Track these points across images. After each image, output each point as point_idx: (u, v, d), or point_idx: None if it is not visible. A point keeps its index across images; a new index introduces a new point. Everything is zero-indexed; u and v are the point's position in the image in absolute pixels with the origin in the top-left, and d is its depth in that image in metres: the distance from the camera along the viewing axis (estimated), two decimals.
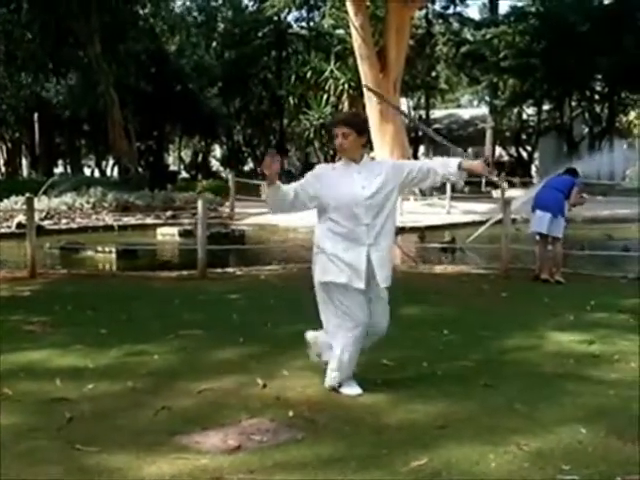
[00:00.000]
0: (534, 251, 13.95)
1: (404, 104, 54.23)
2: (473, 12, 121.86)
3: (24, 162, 60.08)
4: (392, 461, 4.99)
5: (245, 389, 6.57)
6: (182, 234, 21.51)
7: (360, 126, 6.44)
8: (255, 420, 5.77)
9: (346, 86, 43.43)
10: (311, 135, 47.11)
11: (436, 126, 57.59)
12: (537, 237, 13.48)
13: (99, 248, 17.96)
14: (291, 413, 5.89)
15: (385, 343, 6.82)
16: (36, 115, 49.61)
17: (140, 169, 42.30)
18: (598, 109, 56.79)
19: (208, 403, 6.23)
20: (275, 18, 53.05)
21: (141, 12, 43.37)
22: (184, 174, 56.69)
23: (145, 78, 42.98)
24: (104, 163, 56.85)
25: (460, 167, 6.39)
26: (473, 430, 5.54)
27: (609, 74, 50.62)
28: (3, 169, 57.76)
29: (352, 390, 6.43)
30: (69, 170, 53.56)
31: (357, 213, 6.21)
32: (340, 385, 6.46)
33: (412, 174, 6.41)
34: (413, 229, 22.30)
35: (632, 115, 64.34)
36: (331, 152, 51.92)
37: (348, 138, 6.32)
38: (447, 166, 6.44)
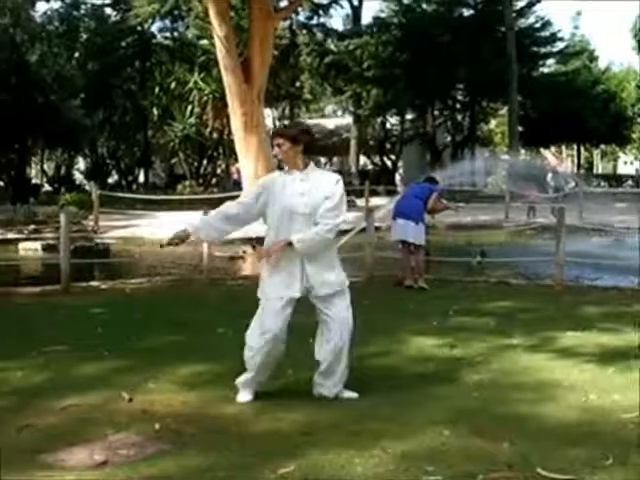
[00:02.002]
0: (397, 258, 14.18)
1: (269, 115, 54.35)
2: (337, 23, 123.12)
3: None
4: (260, 469, 5.02)
5: (111, 404, 6.51)
6: (45, 248, 21.07)
7: (293, 135, 6.50)
8: (121, 434, 5.72)
9: (210, 97, 43.29)
10: (176, 146, 46.80)
11: None
12: (400, 245, 13.70)
13: None
14: (157, 426, 5.86)
15: None
16: None
17: (1, 183, 41.31)
18: (460, 118, 58.19)
19: (73, 419, 6.14)
20: (139, 28, 52.54)
21: (0, 21, 42.38)
22: (47, 187, 55.54)
23: (5, 89, 42.00)
24: None
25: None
26: (338, 436, 5.60)
27: (470, 84, 51.95)
28: None
29: (241, 397, 6.57)
30: None
31: (295, 219, 6.35)
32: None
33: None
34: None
35: (493, 124, 66.11)
36: (195, 164, 51.75)
37: (282, 148, 6.45)
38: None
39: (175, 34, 54.42)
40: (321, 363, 6.58)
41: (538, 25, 54.24)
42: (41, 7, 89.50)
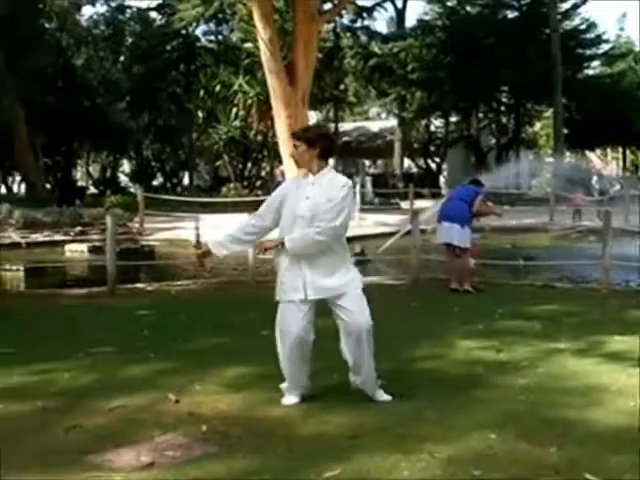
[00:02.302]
0: (444, 261, 14.13)
1: (313, 117, 54.41)
2: (381, 26, 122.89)
3: None
4: (306, 472, 5.02)
5: (157, 405, 6.54)
6: (91, 250, 21.25)
7: (309, 138, 6.47)
8: (168, 436, 5.74)
9: (255, 100, 43.37)
10: (220, 149, 46.96)
11: (345, 139, 57.95)
12: (445, 248, 13.64)
13: (6, 266, 17.62)
14: (204, 428, 5.88)
15: None
16: None
17: (48, 185, 41.70)
18: (504, 120, 57.82)
19: (120, 420, 6.17)
20: (184, 32, 52.79)
21: (47, 25, 42.76)
22: (92, 190, 55.97)
23: (52, 92, 42.43)
24: (10, 179, 55.88)
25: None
26: (384, 439, 5.59)
27: (514, 86, 51.67)
28: None
29: (286, 400, 6.59)
30: None
31: (298, 223, 6.34)
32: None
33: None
34: None
35: (537, 126, 65.62)
36: (240, 166, 51.90)
37: (298, 149, 6.47)
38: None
39: (219, 37, 54.62)
40: (348, 361, 6.60)
41: (583, 27, 53.93)
42: (87, 11, 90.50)
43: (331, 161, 6.80)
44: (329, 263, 6.41)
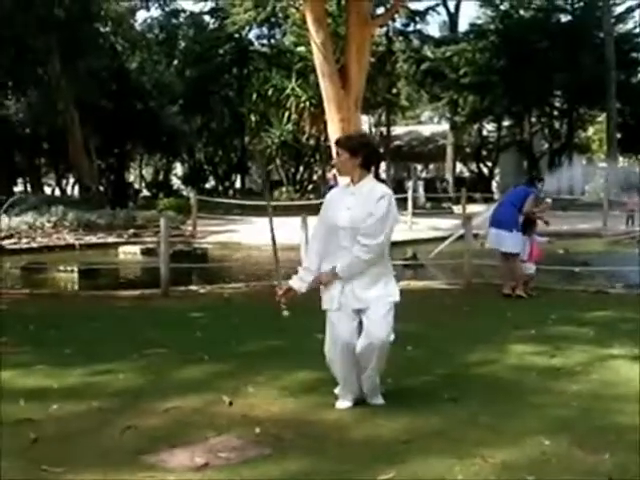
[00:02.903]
0: (496, 266, 14.06)
1: (366, 121, 54.40)
2: (433, 30, 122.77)
3: None
4: (359, 476, 5.03)
5: (211, 407, 6.58)
6: (144, 252, 21.42)
7: (352, 147, 6.41)
8: (222, 437, 5.78)
9: (307, 103, 43.47)
10: (273, 153, 47.10)
11: (397, 143, 57.89)
12: (499, 253, 13.54)
13: (61, 267, 17.82)
14: (257, 430, 5.90)
15: None
16: None
17: (101, 187, 42.09)
18: (557, 125, 57.39)
19: (174, 421, 6.22)
20: (236, 35, 53.11)
21: (102, 29, 43.17)
22: (145, 192, 56.42)
23: (106, 96, 42.78)
24: (64, 181, 56.41)
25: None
26: (438, 444, 5.58)
27: (567, 90, 51.23)
28: None
29: (340, 404, 6.59)
30: (29, 189, 53.11)
31: (339, 234, 6.33)
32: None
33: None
34: None
35: (590, 131, 65.02)
36: (292, 170, 52.03)
37: (340, 158, 6.45)
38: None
39: (272, 41, 54.98)
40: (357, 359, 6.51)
41: (637, 30, 53.31)
42: (141, 15, 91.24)
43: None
44: (370, 275, 6.36)
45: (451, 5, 54.68)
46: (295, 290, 6.59)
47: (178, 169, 64.60)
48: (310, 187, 51.28)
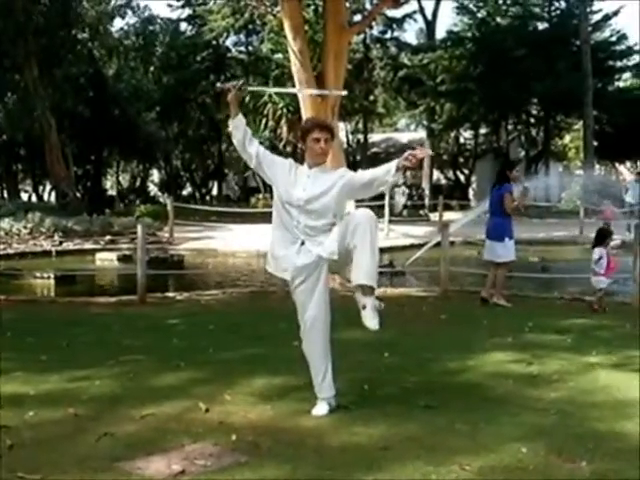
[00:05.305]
0: (473, 273, 14.07)
1: (342, 129, 54.44)
2: (410, 37, 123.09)
3: None
4: None
5: (188, 414, 6.55)
6: (121, 259, 21.36)
7: (334, 132, 6.63)
8: (198, 445, 5.75)
9: (285, 110, 43.54)
10: None
11: (374, 150, 57.98)
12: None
13: (37, 274, 17.72)
14: (234, 437, 5.88)
15: None
16: None
17: (78, 194, 41.94)
18: (534, 132, 57.78)
19: (151, 428, 6.19)
20: (214, 42, 53.11)
21: (79, 36, 43.05)
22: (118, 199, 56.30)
23: (83, 102, 42.74)
24: (41, 188, 56.26)
25: (398, 168, 6.40)
26: (415, 451, 5.57)
27: (544, 98, 51.47)
28: None
29: (316, 410, 6.57)
30: (5, 195, 52.91)
31: (292, 213, 6.39)
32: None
33: (358, 181, 6.47)
34: None
35: (567, 138, 65.36)
36: None
37: (327, 143, 6.49)
38: (389, 172, 6.41)
39: (249, 48, 54.96)
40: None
41: (614, 39, 53.61)
42: (118, 23, 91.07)
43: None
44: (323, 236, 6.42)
45: (428, 12, 54.89)
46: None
47: (155, 176, 64.51)
48: None
